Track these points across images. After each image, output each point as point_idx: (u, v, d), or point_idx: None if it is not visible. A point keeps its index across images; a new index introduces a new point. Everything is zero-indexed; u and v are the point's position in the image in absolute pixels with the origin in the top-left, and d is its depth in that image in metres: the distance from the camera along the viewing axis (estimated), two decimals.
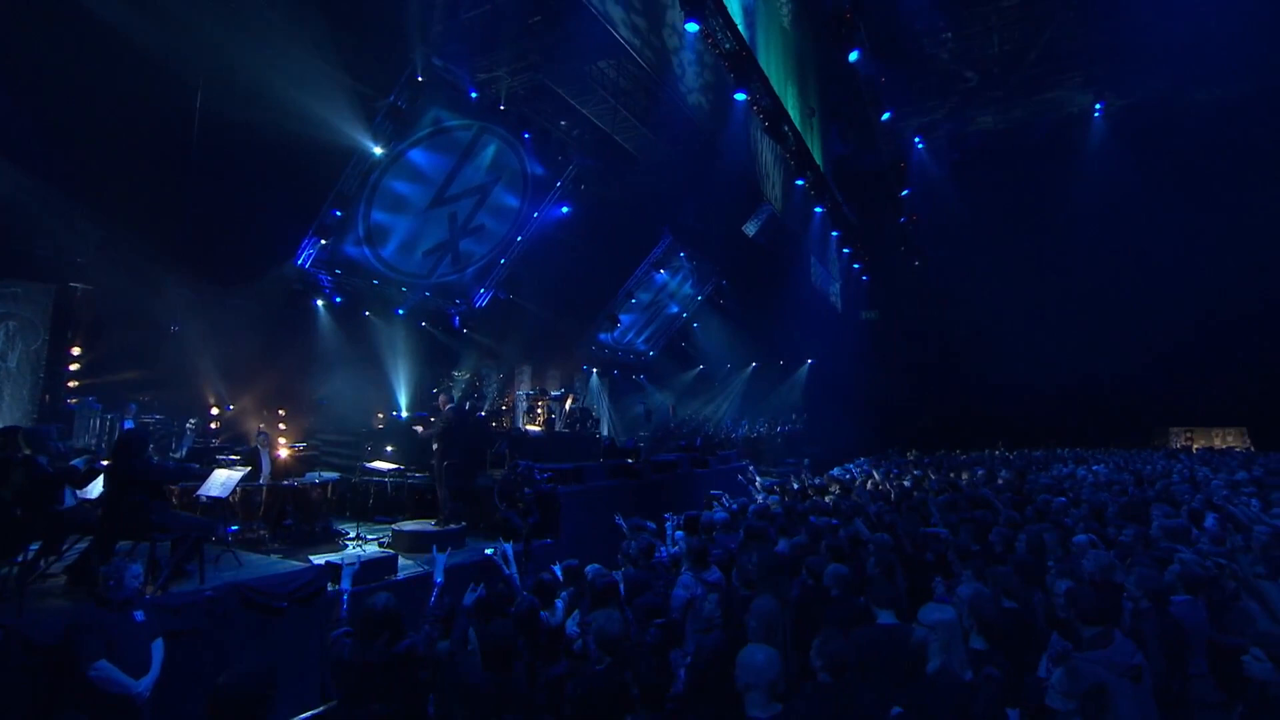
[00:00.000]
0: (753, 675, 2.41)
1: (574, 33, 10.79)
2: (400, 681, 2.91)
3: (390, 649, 2.96)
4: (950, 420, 23.90)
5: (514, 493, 7.16)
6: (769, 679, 2.40)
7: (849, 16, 8.42)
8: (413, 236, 14.48)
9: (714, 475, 13.03)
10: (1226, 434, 21.40)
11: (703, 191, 20.90)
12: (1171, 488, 8.10)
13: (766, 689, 2.39)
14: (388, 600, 3.10)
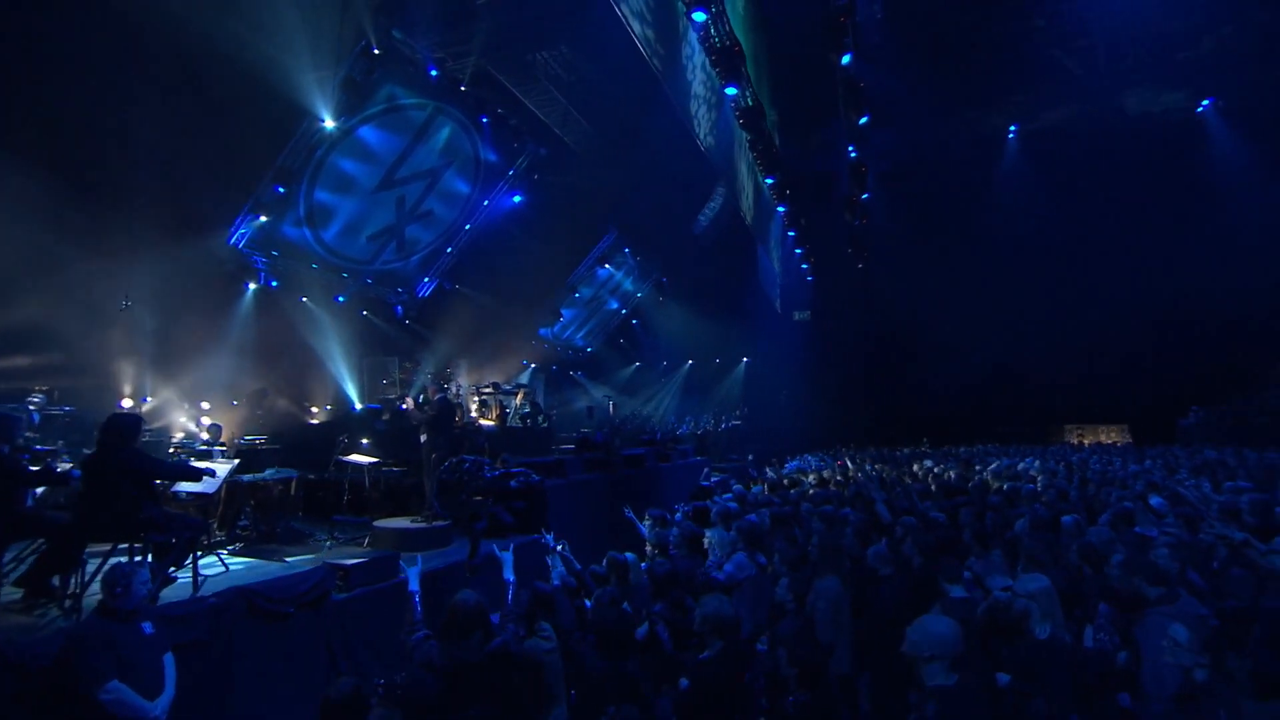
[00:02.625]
0: (939, 647, 2.40)
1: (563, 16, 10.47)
2: (499, 681, 2.66)
3: (485, 648, 2.70)
4: (880, 418, 25.13)
5: (458, 493, 6.69)
6: (954, 651, 2.39)
7: (843, 20, 8.65)
8: (358, 219, 13.61)
9: (676, 470, 13.08)
10: (1111, 430, 23.78)
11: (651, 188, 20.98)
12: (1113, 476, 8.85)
13: (950, 660, 2.38)
14: (477, 598, 2.83)
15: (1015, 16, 16.75)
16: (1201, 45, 18.22)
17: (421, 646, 2.81)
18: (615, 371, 29.72)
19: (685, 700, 2.80)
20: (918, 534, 4.64)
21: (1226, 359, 20.12)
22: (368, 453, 7.11)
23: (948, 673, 2.36)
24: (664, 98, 14.22)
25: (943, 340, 24.29)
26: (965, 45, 17.67)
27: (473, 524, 5.34)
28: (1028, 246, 22.79)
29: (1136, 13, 16.51)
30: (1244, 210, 19.57)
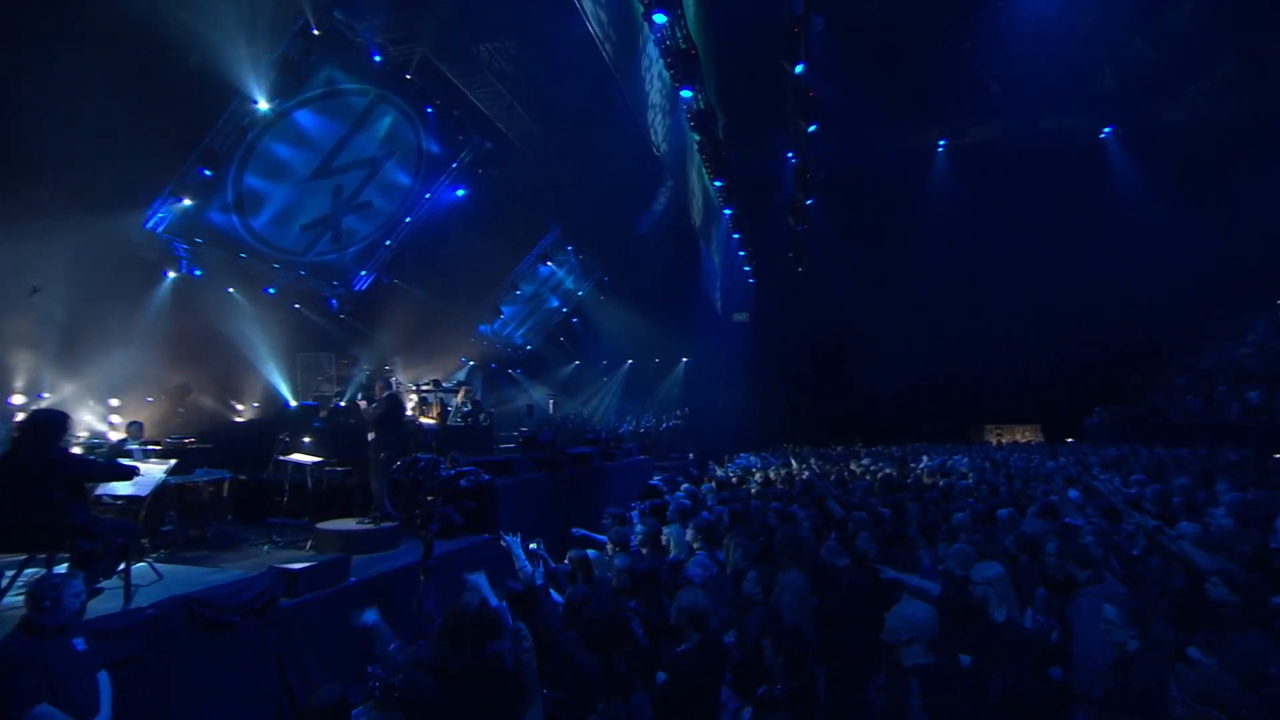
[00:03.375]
0: (917, 630, 2.52)
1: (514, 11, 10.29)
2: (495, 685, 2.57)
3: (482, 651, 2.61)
4: (815, 419, 25.96)
5: (413, 493, 6.52)
6: (930, 634, 2.51)
7: (797, 31, 8.90)
8: (291, 208, 12.96)
9: (621, 469, 13.06)
10: (1026, 430, 25.51)
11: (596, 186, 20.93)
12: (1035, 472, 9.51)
13: (928, 643, 2.50)
14: (481, 601, 2.73)
15: (945, 37, 17.71)
16: (1104, 78, 19.79)
17: (406, 648, 2.70)
18: (555, 370, 29.49)
19: (664, 693, 2.83)
20: (873, 527, 4.85)
21: (1125, 365, 21.91)
22: (309, 452, 6.77)
23: (925, 654, 2.49)
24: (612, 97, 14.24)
25: (875, 344, 25.35)
26: (899, 61, 18.52)
27: (427, 525, 5.19)
28: (954, 257, 24.09)
29: (1050, 41, 17.78)
30: (1139, 233, 21.45)
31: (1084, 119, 21.13)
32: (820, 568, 4.43)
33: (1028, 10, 16.71)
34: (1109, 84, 19.24)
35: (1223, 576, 3.63)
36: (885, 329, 25.04)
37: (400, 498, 6.35)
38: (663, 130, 14.01)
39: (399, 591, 5.09)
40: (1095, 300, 21.85)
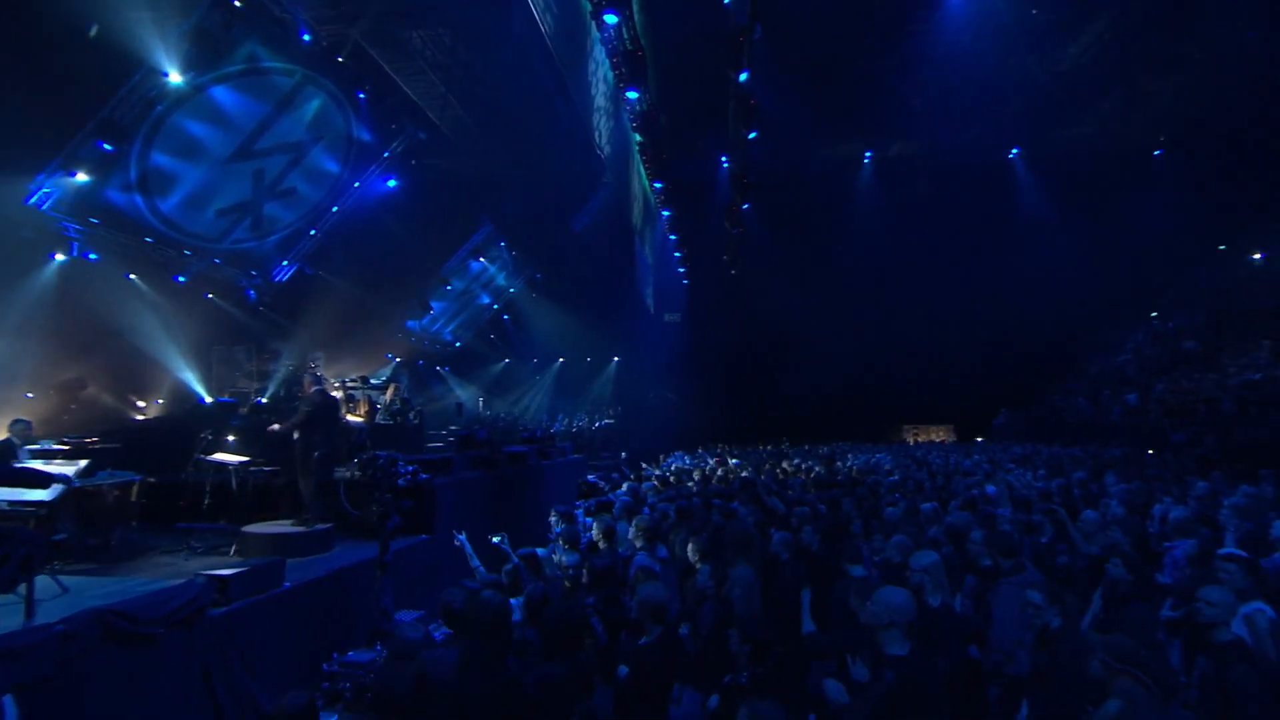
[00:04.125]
0: (896, 614, 2.64)
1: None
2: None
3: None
4: (743, 419, 26.64)
5: (371, 490, 6.32)
6: (908, 619, 2.64)
7: (742, 40, 9.08)
8: (205, 191, 12.08)
9: (556, 468, 13.00)
10: (940, 430, 27.19)
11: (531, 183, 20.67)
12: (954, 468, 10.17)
13: (905, 627, 2.63)
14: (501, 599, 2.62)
15: (872, 53, 18.64)
16: (1010, 102, 21.36)
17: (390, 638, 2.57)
18: (484, 368, 28.92)
19: (626, 686, 2.86)
20: (814, 522, 5.06)
21: (1027, 370, 23.69)
22: (234, 451, 6.34)
23: (902, 641, 2.64)
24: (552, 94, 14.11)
25: (802, 346, 26.32)
26: (830, 74, 19.32)
27: (383, 522, 5.01)
28: (877, 264, 25.38)
29: (963, 66, 19.06)
30: (1039, 248, 23.36)
31: (993, 139, 22.71)
32: (768, 561, 4.59)
33: (945, 35, 17.84)
34: (1014, 108, 20.77)
35: (1121, 558, 4.05)
36: (812, 332, 26.03)
37: (358, 496, 6.14)
38: (606, 132, 14.02)
39: (338, 595, 4.88)
40: (1002, 309, 23.57)
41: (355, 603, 5.17)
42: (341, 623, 4.89)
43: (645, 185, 20.46)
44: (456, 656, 2.23)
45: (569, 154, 17.12)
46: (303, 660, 4.42)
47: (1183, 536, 5.29)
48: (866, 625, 2.74)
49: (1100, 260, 22.06)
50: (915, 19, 17.50)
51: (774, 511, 6.23)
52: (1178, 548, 5.14)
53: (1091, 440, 14.13)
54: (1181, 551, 5.03)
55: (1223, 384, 14.02)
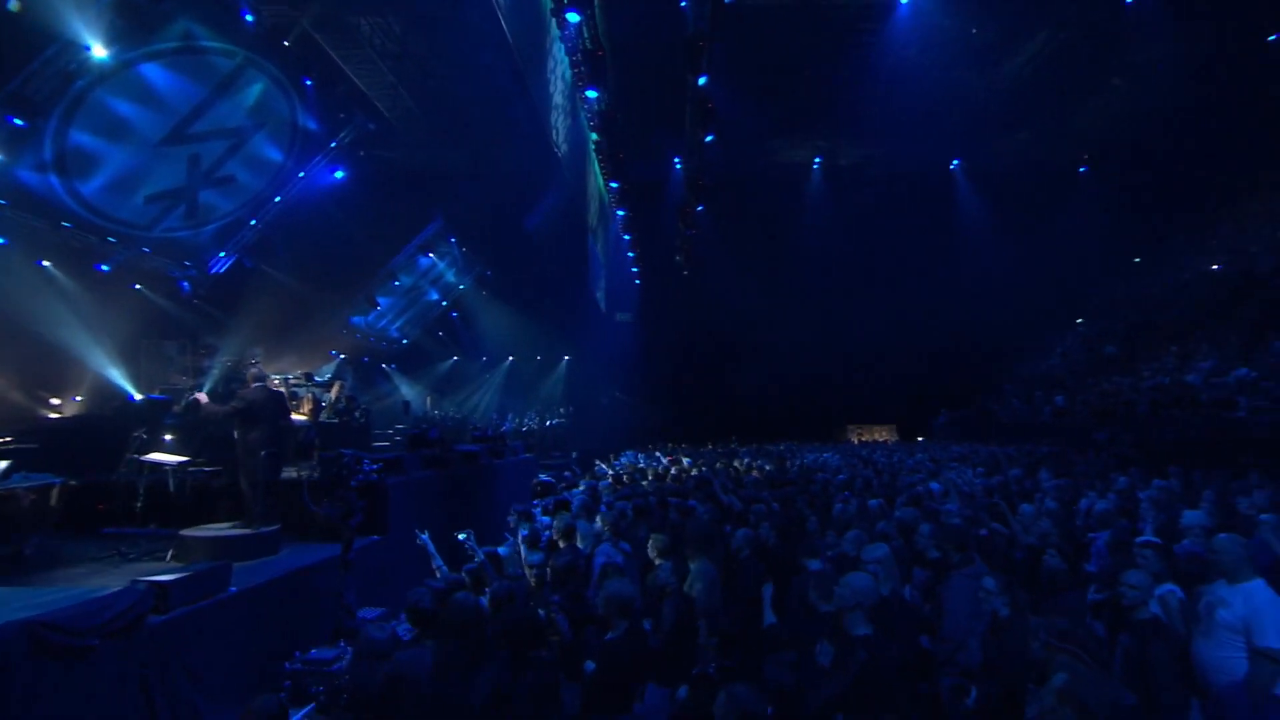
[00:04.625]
0: (861, 596, 2.76)
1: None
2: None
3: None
4: (693, 418, 26.90)
5: (334, 488, 6.17)
6: (871, 601, 2.75)
7: (702, 45, 9.19)
8: (133, 175, 11.42)
9: (509, 467, 12.86)
10: (883, 430, 28.12)
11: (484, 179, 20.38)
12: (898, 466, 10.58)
13: (868, 610, 2.74)
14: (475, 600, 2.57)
15: (824, 61, 19.15)
16: (953, 115, 22.33)
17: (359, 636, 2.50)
18: (432, 366, 28.38)
19: (594, 681, 2.88)
20: (771, 519, 5.18)
21: (965, 373, 24.75)
22: (172, 450, 6.01)
23: (866, 622, 2.76)
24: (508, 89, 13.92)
25: (752, 347, 26.80)
26: (782, 79, 19.76)
27: (346, 520, 4.88)
28: (824, 267, 26.04)
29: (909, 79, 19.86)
30: (978, 256, 24.51)
31: (936, 150, 23.67)
32: (728, 557, 4.68)
33: (892, 48, 18.51)
34: (956, 121, 21.72)
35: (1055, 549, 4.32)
36: (761, 333, 26.54)
37: (322, 493, 5.95)
38: (564, 131, 13.91)
39: (289, 598, 4.71)
40: (942, 313, 24.61)
41: (308, 605, 5.00)
42: (294, 625, 4.72)
43: (601, 185, 20.43)
44: (431, 657, 2.19)
45: (524, 151, 16.92)
46: (252, 667, 4.25)
47: (1105, 527, 5.69)
48: (833, 609, 2.86)
49: (1032, 269, 23.38)
50: (864, 31, 18.07)
51: (730, 509, 6.34)
52: (1101, 537, 5.53)
53: (1024, 439, 14.97)
54: (1104, 540, 5.41)
55: (1137, 387, 15.06)
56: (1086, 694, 1.99)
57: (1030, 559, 4.50)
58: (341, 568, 3.57)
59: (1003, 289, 23.47)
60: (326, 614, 4.69)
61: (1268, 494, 6.89)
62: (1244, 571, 3.50)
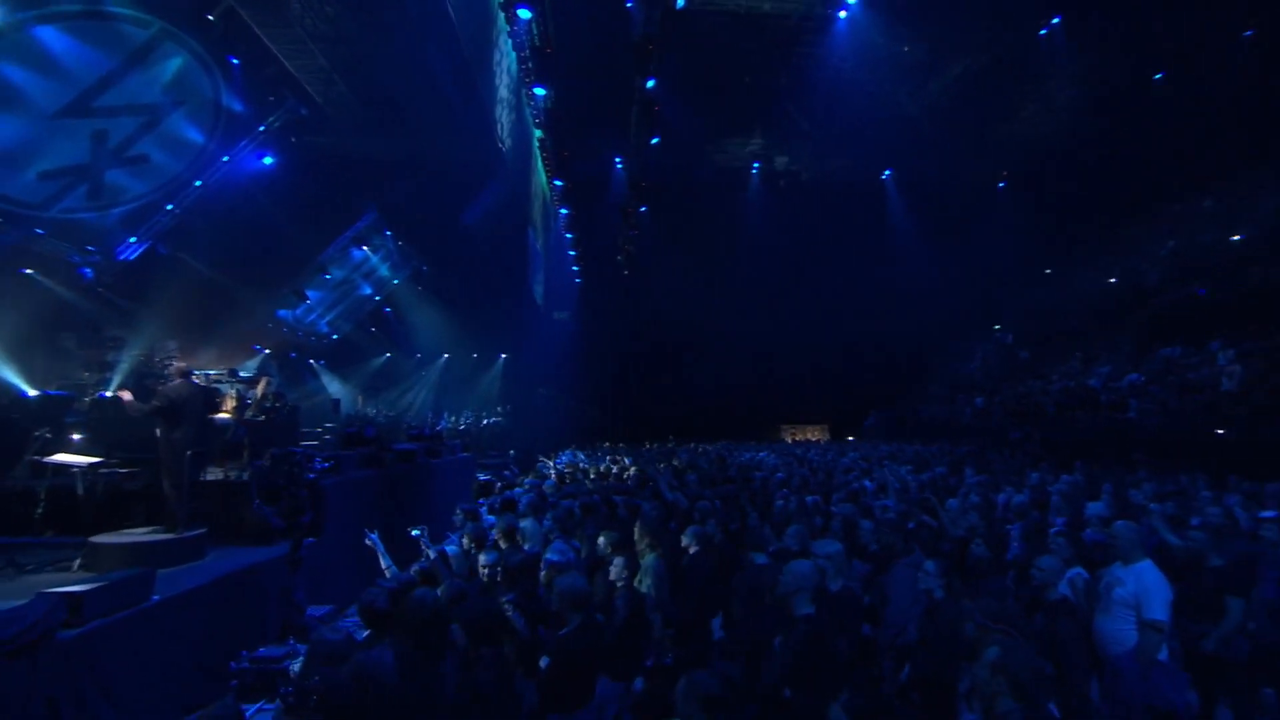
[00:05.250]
0: (803, 580, 2.90)
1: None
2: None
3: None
4: (630, 417, 27.05)
5: (279, 487, 5.93)
6: (814, 584, 2.89)
7: (651, 48, 9.24)
8: (24, 147, 10.51)
9: (447, 466, 12.63)
10: (815, 429, 29.10)
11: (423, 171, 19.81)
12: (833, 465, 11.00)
13: (811, 591, 2.88)
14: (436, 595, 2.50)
15: (765, 70, 19.70)
16: (885, 128, 23.39)
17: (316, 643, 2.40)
18: (363, 362, 27.39)
19: (549, 676, 2.90)
20: (717, 515, 5.31)
21: (893, 375, 26.02)
22: (81, 451, 5.56)
23: (809, 603, 2.90)
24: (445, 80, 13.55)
25: (689, 348, 27.18)
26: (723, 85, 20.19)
27: (296, 518, 4.68)
28: (760, 271, 26.72)
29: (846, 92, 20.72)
30: (907, 264, 25.77)
31: (868, 160, 24.73)
32: (675, 552, 4.76)
33: (830, 61, 19.24)
34: (887, 133, 22.78)
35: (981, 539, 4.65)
36: (698, 334, 26.97)
37: (268, 493, 5.65)
38: (508, 125, 13.65)
39: (220, 604, 4.47)
40: (872, 318, 25.69)
41: (243, 608, 4.77)
42: (227, 630, 4.49)
43: (544, 182, 20.25)
44: (394, 657, 2.14)
45: (466, 144, 16.52)
46: (178, 679, 4.00)
47: (1021, 518, 6.15)
48: (779, 595, 2.99)
49: (955, 278, 24.81)
50: (804, 43, 18.68)
51: (676, 506, 6.44)
52: (1017, 528, 5.97)
53: (947, 438, 15.86)
54: (1020, 530, 5.86)
55: (1046, 390, 16.23)
56: (1017, 666, 2.18)
57: (958, 549, 4.80)
58: (291, 565, 3.45)
59: (929, 296, 24.79)
60: (264, 616, 4.49)
61: (1154, 486, 7.65)
62: (1136, 554, 3.96)
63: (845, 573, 3.86)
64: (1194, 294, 15.43)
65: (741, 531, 5.18)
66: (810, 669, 2.54)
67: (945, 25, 18.09)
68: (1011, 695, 2.09)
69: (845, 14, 17.40)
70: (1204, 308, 14.66)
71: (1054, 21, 17.94)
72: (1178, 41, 17.87)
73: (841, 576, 3.78)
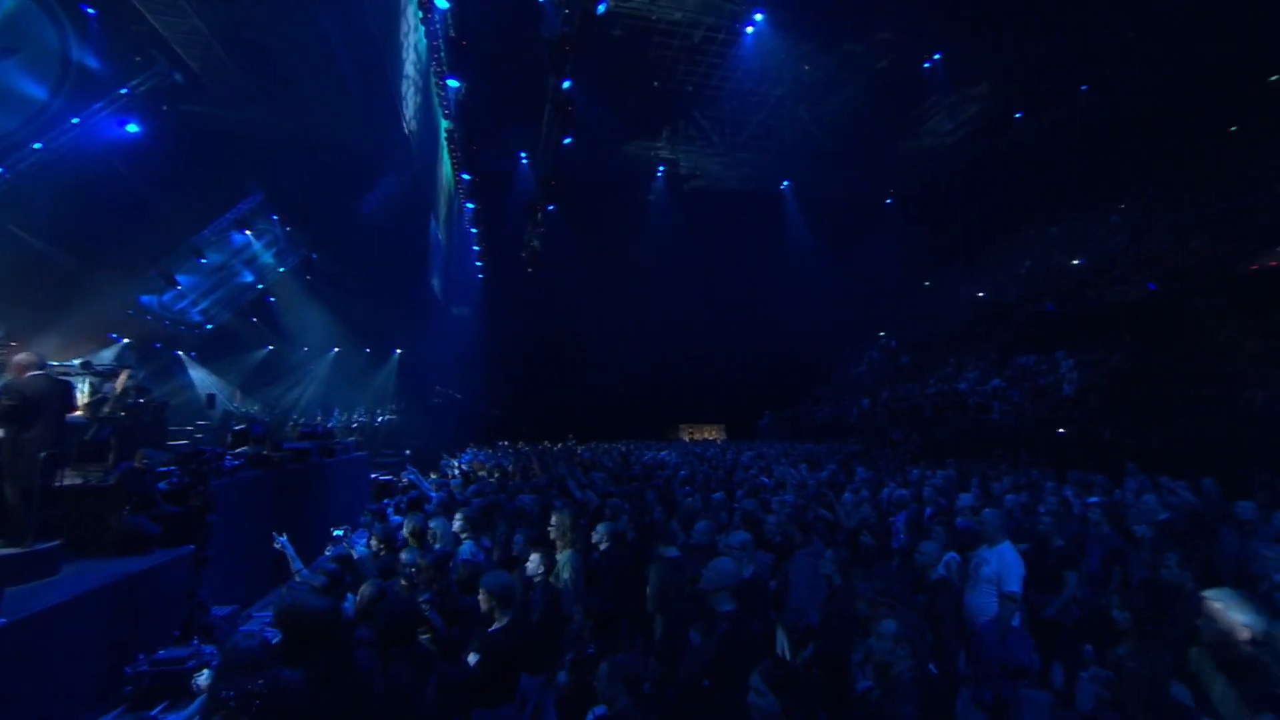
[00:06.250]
0: (726, 579, 3.03)
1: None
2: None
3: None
4: (532, 416, 26.72)
5: (148, 491, 5.42)
6: (734, 583, 3.02)
7: (568, 49, 9.13)
8: None
9: (341, 466, 11.97)
10: (712, 429, 30.04)
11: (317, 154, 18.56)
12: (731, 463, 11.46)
13: (731, 589, 3.01)
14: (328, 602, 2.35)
15: (672, 75, 20.17)
16: (784, 140, 24.60)
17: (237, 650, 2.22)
18: (242, 355, 25.35)
19: (478, 673, 2.88)
20: (628, 512, 5.42)
21: (789, 378, 27.24)
22: None
23: (730, 600, 3.04)
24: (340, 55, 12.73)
25: (590, 347, 27.27)
26: (632, 87, 20.44)
27: (202, 516, 4.34)
28: (662, 272, 27.21)
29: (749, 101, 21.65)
30: (801, 271, 27.22)
31: (768, 170, 25.88)
32: (589, 547, 4.82)
33: (736, 72, 20.01)
34: (786, 145, 23.98)
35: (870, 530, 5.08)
36: (601, 334, 27.11)
37: (140, 499, 5.10)
38: (415, 107, 13.00)
39: (82, 624, 4.02)
40: (768, 321, 26.94)
41: (130, 615, 4.36)
42: (112, 640, 4.08)
43: (449, 174, 19.59)
44: (306, 665, 2.03)
45: (367, 125, 15.62)
46: (55, 696, 3.60)
47: (902, 510, 6.75)
48: (702, 591, 3.13)
49: (846, 286, 26.54)
50: (713, 53, 19.29)
51: (586, 504, 6.49)
52: (900, 518, 6.56)
53: (836, 437, 16.95)
54: (903, 520, 6.44)
55: (923, 393, 17.75)
56: (913, 636, 2.44)
57: (850, 539, 5.20)
58: (197, 564, 3.24)
59: (821, 302, 26.33)
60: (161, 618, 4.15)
61: (1012, 479, 8.64)
62: (998, 537, 4.59)
63: (754, 560, 4.09)
64: (1045, 309, 17.43)
65: (650, 527, 5.32)
66: (732, 663, 2.70)
67: (842, 50, 19.32)
68: (910, 659, 2.35)
69: (752, 29, 18.16)
70: (1052, 322, 16.59)
71: (935, 57, 19.65)
72: (1033, 87, 20.20)
73: (753, 565, 4.00)
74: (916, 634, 2.45)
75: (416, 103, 13.11)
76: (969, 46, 18.76)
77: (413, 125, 12.57)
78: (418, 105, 13.27)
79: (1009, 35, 17.88)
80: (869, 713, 2.42)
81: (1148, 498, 6.51)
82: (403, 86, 11.85)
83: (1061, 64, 18.76)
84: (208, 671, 3.02)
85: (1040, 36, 17.67)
